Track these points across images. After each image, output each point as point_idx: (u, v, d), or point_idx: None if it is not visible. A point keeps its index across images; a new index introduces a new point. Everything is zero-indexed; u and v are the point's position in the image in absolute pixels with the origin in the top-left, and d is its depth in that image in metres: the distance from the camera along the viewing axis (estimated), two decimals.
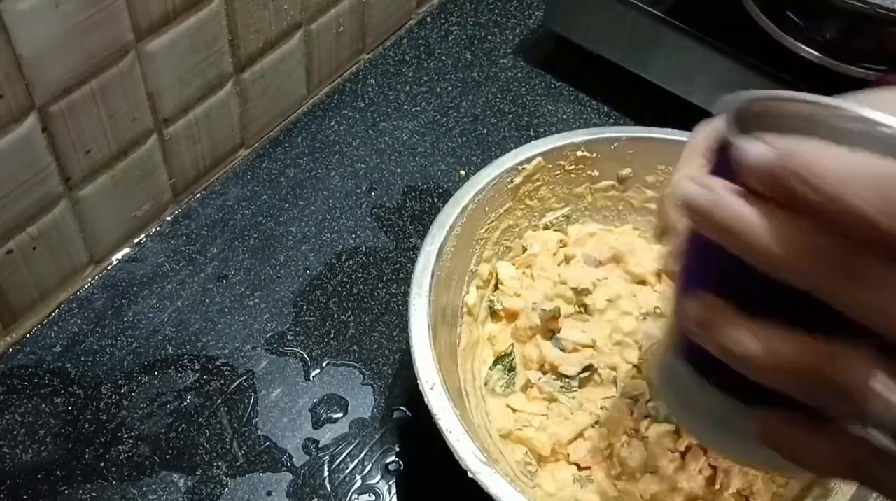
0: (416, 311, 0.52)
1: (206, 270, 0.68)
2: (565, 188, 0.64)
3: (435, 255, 0.55)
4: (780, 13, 0.71)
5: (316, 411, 0.61)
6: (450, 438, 0.47)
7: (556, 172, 0.63)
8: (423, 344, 0.51)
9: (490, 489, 0.46)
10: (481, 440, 0.51)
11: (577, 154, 0.63)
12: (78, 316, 0.64)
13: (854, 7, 0.64)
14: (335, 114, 0.79)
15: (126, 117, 0.62)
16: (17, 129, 0.55)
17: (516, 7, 0.90)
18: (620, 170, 0.64)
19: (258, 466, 0.58)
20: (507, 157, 0.61)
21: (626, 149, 0.63)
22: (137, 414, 0.60)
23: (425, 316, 0.52)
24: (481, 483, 0.46)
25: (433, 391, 0.49)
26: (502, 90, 0.82)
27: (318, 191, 0.74)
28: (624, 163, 0.64)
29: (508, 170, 0.61)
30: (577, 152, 0.63)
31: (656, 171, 0.64)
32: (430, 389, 0.49)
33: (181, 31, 0.62)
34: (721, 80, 0.72)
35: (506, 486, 0.46)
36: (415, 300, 0.53)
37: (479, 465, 0.47)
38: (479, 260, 0.61)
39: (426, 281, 0.54)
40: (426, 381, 0.50)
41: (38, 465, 0.57)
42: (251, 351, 0.63)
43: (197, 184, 0.72)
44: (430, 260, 0.55)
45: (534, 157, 0.61)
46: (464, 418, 0.49)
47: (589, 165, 0.64)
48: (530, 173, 0.62)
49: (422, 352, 0.51)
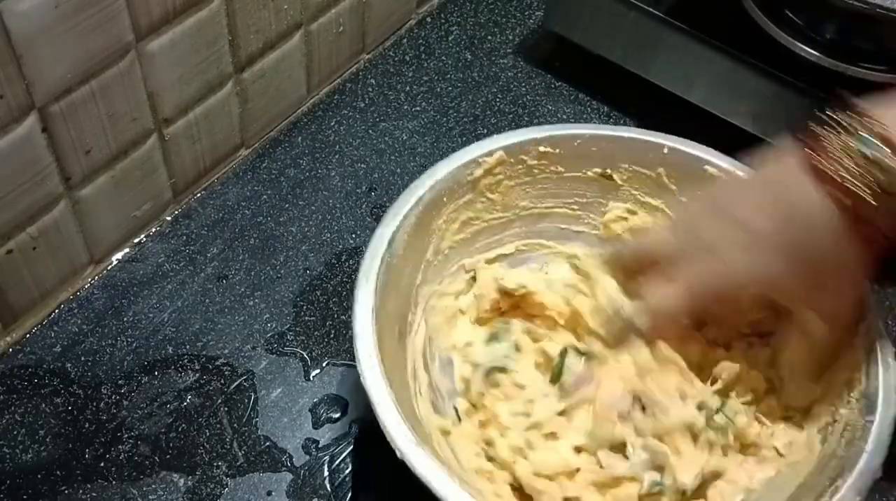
0: (362, 294, 0.53)
1: (206, 270, 0.68)
2: (530, 185, 0.64)
3: (386, 242, 0.55)
4: (780, 13, 0.71)
5: (316, 411, 0.61)
6: (382, 417, 0.48)
7: (518, 167, 0.63)
8: (365, 326, 0.51)
9: (417, 470, 0.46)
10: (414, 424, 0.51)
11: (540, 149, 0.62)
12: (78, 316, 0.64)
13: (854, 7, 0.64)
14: (335, 114, 0.79)
15: (126, 117, 0.62)
16: (17, 129, 0.55)
17: (516, 7, 0.90)
18: (586, 167, 0.64)
19: (258, 466, 0.58)
20: (468, 150, 0.61)
21: (589, 146, 0.63)
22: (137, 414, 0.60)
23: (370, 301, 0.52)
24: (409, 465, 0.46)
25: (372, 370, 0.49)
26: (502, 90, 0.82)
27: (318, 191, 0.74)
28: (587, 160, 0.64)
29: (468, 162, 0.60)
30: (540, 147, 0.62)
31: (619, 170, 0.64)
32: (368, 370, 0.49)
33: (181, 31, 0.62)
34: (721, 80, 0.72)
35: (436, 470, 0.46)
36: (361, 283, 0.53)
37: (408, 445, 0.47)
38: (437, 250, 0.61)
39: (375, 266, 0.54)
40: (364, 359, 0.50)
41: (38, 465, 0.57)
42: (251, 351, 0.63)
43: (197, 184, 0.73)
44: (380, 246, 0.55)
45: (495, 151, 0.61)
46: (402, 403, 0.49)
47: (553, 161, 0.63)
48: (491, 167, 0.61)
49: (363, 333, 0.51)
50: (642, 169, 0.63)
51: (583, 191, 0.65)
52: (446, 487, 0.45)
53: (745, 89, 0.71)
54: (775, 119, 0.71)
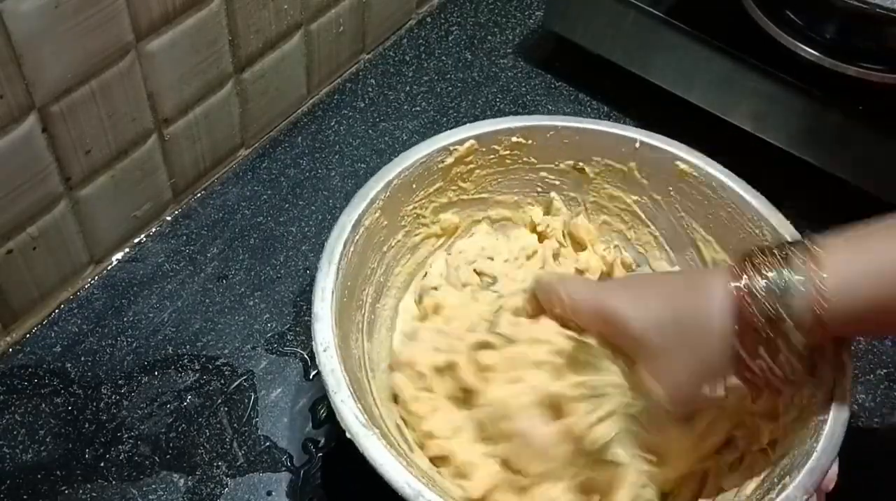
0: (323, 277, 0.53)
1: (206, 270, 0.68)
2: (501, 174, 0.64)
3: (351, 225, 0.56)
4: (780, 13, 0.71)
5: (316, 411, 0.61)
6: (335, 398, 0.48)
7: (490, 156, 0.63)
8: (324, 308, 0.52)
9: (367, 452, 0.46)
10: (368, 404, 0.51)
11: (512, 140, 0.63)
12: (78, 316, 0.64)
13: (854, 7, 0.64)
14: (335, 114, 0.79)
15: (126, 117, 0.62)
16: (17, 129, 0.55)
17: (516, 7, 0.90)
18: (558, 159, 0.64)
19: (258, 466, 0.58)
20: (440, 137, 0.61)
21: (561, 139, 0.63)
22: (137, 413, 0.60)
23: (331, 283, 0.53)
24: (358, 445, 0.46)
25: (326, 353, 0.49)
26: (502, 90, 0.82)
27: (318, 191, 0.74)
28: (559, 152, 0.64)
29: (439, 149, 0.61)
30: (513, 138, 0.63)
31: (592, 163, 0.64)
32: (322, 350, 0.50)
33: (181, 31, 0.62)
34: (721, 79, 0.72)
35: (383, 451, 0.46)
36: (323, 266, 0.54)
37: (358, 427, 0.47)
38: (408, 234, 0.62)
39: (338, 249, 0.55)
40: (321, 343, 0.50)
41: (38, 465, 0.57)
42: (251, 351, 0.63)
43: (197, 184, 0.73)
44: (345, 229, 0.55)
45: (466, 139, 0.61)
46: (355, 383, 0.49)
47: (525, 152, 0.63)
48: (462, 155, 0.61)
49: (322, 315, 0.51)
50: (614, 162, 0.63)
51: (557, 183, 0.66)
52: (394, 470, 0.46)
53: (745, 89, 0.71)
54: (775, 119, 0.71)
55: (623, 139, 0.62)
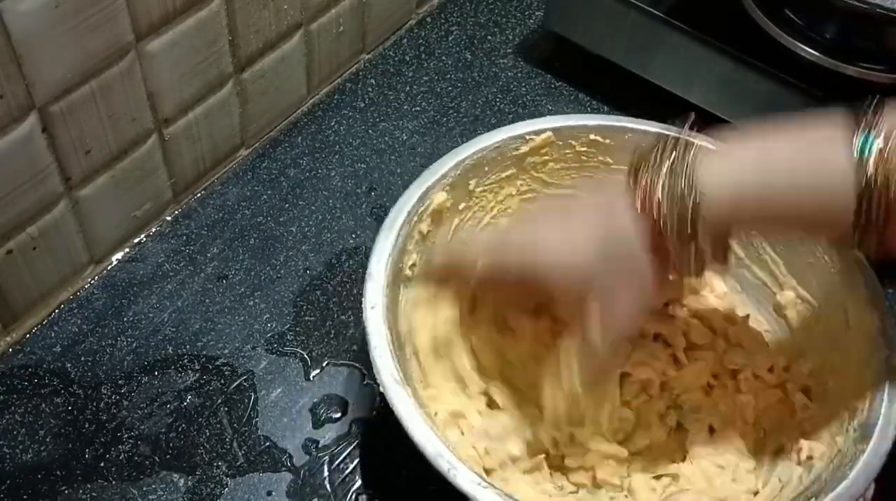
0: (384, 239, 0.54)
1: (206, 270, 0.68)
2: (577, 171, 0.64)
3: (417, 197, 0.57)
4: (779, 13, 0.71)
5: (316, 411, 0.61)
6: (374, 353, 0.50)
7: (566, 151, 0.63)
8: (379, 269, 0.53)
9: (397, 407, 0.48)
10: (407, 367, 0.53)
11: (590, 137, 0.63)
12: (78, 316, 0.64)
13: (854, 7, 0.64)
14: (335, 114, 0.79)
15: (126, 117, 0.62)
16: (17, 129, 0.55)
17: (516, 7, 0.90)
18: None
19: (258, 466, 0.58)
20: (518, 125, 0.61)
21: (640, 141, 0.63)
22: (137, 413, 0.60)
23: (389, 247, 0.54)
24: (389, 400, 0.48)
25: (373, 310, 0.51)
26: (502, 90, 0.82)
27: (318, 191, 0.74)
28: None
29: (515, 136, 0.61)
30: (590, 135, 0.63)
31: None
32: (370, 308, 0.52)
33: (181, 31, 0.62)
34: (721, 79, 0.72)
35: (411, 408, 0.47)
36: (384, 230, 0.55)
37: (392, 384, 0.48)
38: (474, 216, 0.62)
39: (401, 217, 0.56)
40: (369, 301, 0.52)
41: (38, 465, 0.57)
42: (251, 351, 0.63)
43: (197, 184, 0.73)
44: (411, 199, 0.56)
45: (543, 131, 0.61)
46: (396, 342, 0.51)
47: (602, 151, 0.63)
48: (538, 145, 0.62)
49: (376, 275, 0.53)
50: None
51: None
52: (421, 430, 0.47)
53: (745, 89, 0.71)
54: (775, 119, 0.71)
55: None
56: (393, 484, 0.58)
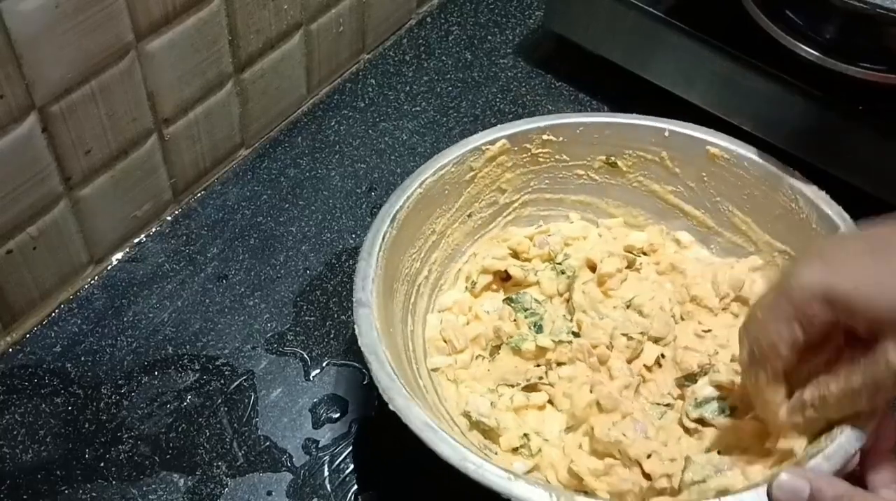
0: (363, 266, 0.55)
1: (206, 270, 0.68)
2: (535, 174, 0.66)
3: (389, 219, 0.57)
4: (780, 13, 0.71)
5: (316, 411, 0.61)
6: (372, 366, 0.50)
7: (523, 155, 0.64)
8: (367, 292, 0.54)
9: (412, 424, 0.48)
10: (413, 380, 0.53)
11: (543, 138, 0.64)
12: (78, 316, 0.64)
13: (854, 7, 0.64)
14: (335, 114, 0.79)
15: (126, 117, 0.62)
16: (17, 129, 0.55)
17: (516, 7, 0.90)
18: (590, 155, 0.65)
19: (258, 466, 0.58)
20: (472, 139, 0.62)
21: (591, 134, 0.64)
22: (137, 413, 0.60)
23: (372, 272, 0.54)
24: (402, 417, 0.48)
25: (362, 311, 0.52)
26: (502, 90, 0.82)
27: (318, 191, 0.74)
28: (592, 148, 0.65)
29: (472, 149, 0.62)
30: (543, 136, 0.64)
31: (624, 156, 0.65)
32: (361, 313, 0.53)
33: (181, 31, 0.62)
34: (721, 80, 0.72)
35: (425, 418, 0.48)
36: (363, 258, 0.55)
37: (404, 401, 0.48)
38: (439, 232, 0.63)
39: (376, 244, 0.56)
40: (361, 311, 0.53)
41: (38, 465, 0.57)
42: (251, 351, 0.63)
43: (197, 184, 0.73)
44: (382, 224, 0.57)
45: (498, 139, 0.62)
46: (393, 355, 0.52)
47: (556, 150, 0.64)
48: (494, 154, 0.63)
49: (365, 299, 0.53)
50: (645, 153, 0.64)
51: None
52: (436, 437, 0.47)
53: (745, 89, 0.71)
54: (775, 119, 0.71)
55: (652, 129, 0.64)
56: (393, 484, 0.58)
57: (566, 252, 0.64)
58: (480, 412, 0.55)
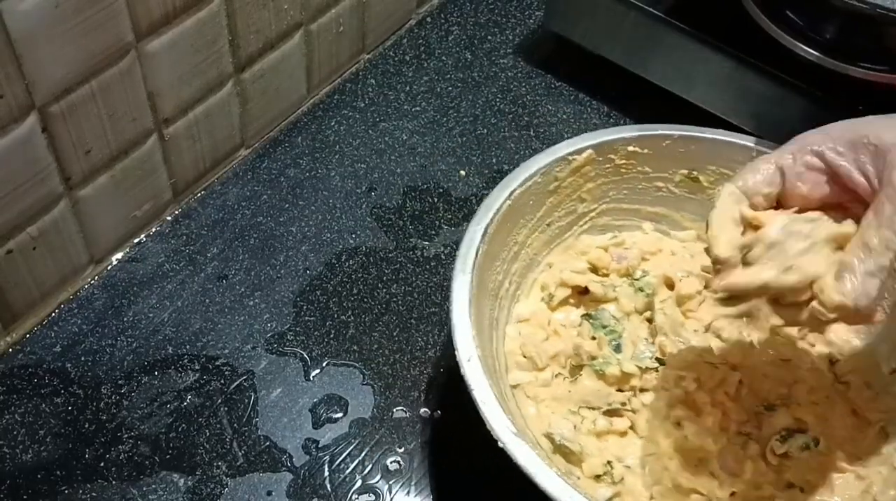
0: (459, 287, 0.54)
1: (206, 270, 0.68)
2: (615, 185, 0.65)
3: (479, 235, 0.56)
4: (780, 13, 0.71)
5: (316, 411, 0.61)
6: (483, 409, 0.48)
7: (606, 166, 0.63)
8: (462, 318, 0.52)
9: (518, 459, 0.47)
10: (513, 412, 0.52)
11: (629, 149, 0.63)
12: (78, 316, 0.64)
13: (854, 7, 0.64)
14: (335, 114, 0.79)
15: (126, 117, 0.62)
16: (17, 129, 0.55)
17: (516, 7, 0.90)
18: (672, 168, 0.64)
19: (258, 466, 0.58)
20: (558, 148, 0.62)
21: (677, 148, 0.63)
22: (137, 413, 0.60)
23: (466, 293, 0.53)
24: (509, 453, 0.47)
25: (470, 363, 0.50)
26: (502, 90, 0.82)
27: (318, 191, 0.74)
28: (675, 161, 0.64)
29: (558, 159, 0.61)
30: (629, 147, 0.63)
31: (707, 171, 0.64)
32: (467, 361, 0.50)
33: (181, 31, 0.62)
34: (721, 79, 0.72)
35: (535, 458, 0.46)
36: (458, 276, 0.54)
37: (509, 435, 0.47)
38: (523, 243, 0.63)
39: (470, 259, 0.55)
40: (464, 353, 0.51)
41: (38, 465, 0.57)
42: (251, 351, 0.63)
43: (197, 184, 0.73)
44: (474, 239, 0.56)
45: (584, 149, 0.62)
46: (496, 389, 0.50)
47: (640, 161, 0.64)
48: (580, 164, 0.62)
49: (461, 326, 0.52)
50: (729, 171, 0.63)
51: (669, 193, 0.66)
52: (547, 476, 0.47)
53: (745, 89, 0.71)
54: (775, 119, 0.71)
55: (739, 147, 0.62)
56: (392, 484, 0.58)
57: (644, 268, 0.64)
58: (564, 436, 0.55)
